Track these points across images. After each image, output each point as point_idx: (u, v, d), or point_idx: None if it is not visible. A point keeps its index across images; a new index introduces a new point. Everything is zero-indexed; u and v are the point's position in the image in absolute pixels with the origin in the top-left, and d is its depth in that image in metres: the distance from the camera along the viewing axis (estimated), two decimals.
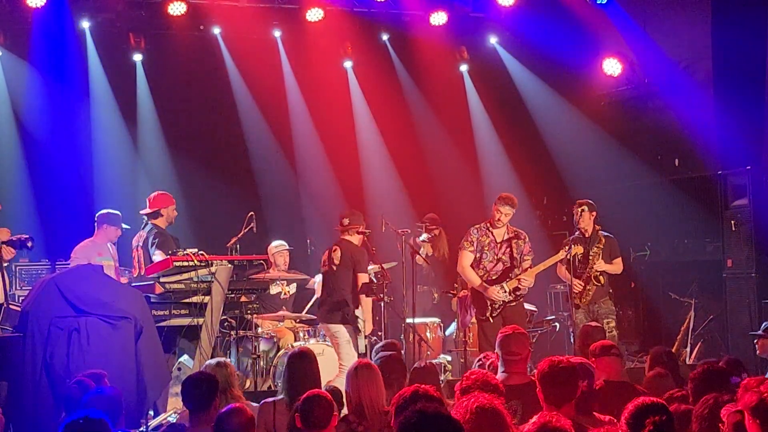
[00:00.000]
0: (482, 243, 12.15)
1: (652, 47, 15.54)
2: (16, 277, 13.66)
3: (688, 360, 13.62)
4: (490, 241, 12.13)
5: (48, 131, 15.37)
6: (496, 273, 12.13)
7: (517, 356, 7.62)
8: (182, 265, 10.81)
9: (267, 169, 16.74)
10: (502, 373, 7.54)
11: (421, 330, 13.72)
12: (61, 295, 9.79)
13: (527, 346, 7.78)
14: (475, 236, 12.16)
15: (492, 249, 12.12)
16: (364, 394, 7.19)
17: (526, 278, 12.05)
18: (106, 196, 14.96)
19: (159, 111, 16.14)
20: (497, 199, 12.13)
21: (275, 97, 16.71)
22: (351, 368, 7.47)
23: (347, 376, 7.44)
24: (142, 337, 9.94)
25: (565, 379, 6.45)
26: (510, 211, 12.05)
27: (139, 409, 9.45)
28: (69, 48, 15.36)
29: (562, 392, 6.43)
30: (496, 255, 12.14)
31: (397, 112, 17.16)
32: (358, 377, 7.31)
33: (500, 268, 12.15)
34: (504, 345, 7.65)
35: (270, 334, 12.96)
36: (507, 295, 11.97)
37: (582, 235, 12.84)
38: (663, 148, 15.81)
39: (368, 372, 7.39)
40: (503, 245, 12.14)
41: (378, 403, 7.23)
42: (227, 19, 15.89)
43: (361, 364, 7.50)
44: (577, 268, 12.57)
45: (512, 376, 7.51)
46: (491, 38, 16.94)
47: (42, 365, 9.55)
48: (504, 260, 12.14)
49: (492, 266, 12.14)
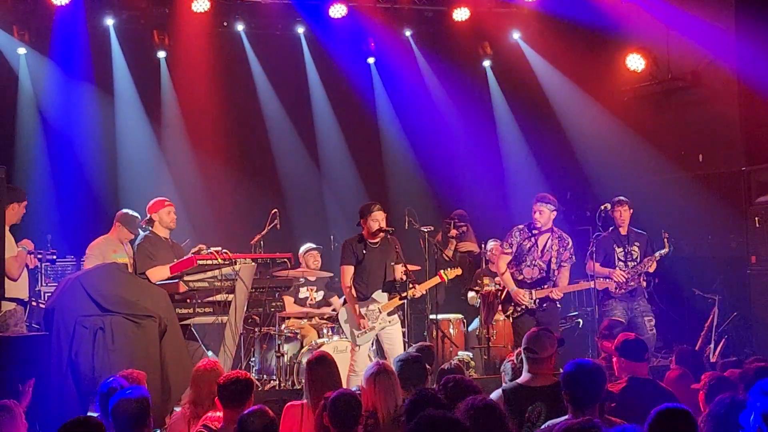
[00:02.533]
0: (523, 247, 12.13)
1: (676, 42, 15.47)
2: (42, 274, 13.72)
3: (712, 357, 13.57)
4: (531, 245, 12.09)
5: (72, 129, 15.43)
6: (531, 278, 12.13)
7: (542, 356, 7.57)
8: (206, 263, 10.83)
9: (290, 166, 16.77)
10: (527, 374, 7.52)
11: (445, 326, 13.75)
12: (86, 294, 9.88)
13: (553, 347, 7.74)
14: (516, 239, 12.15)
15: (532, 253, 12.10)
16: (379, 400, 7.20)
17: (556, 294, 12.07)
18: (130, 193, 15.03)
19: (182, 108, 16.19)
20: (535, 198, 12.14)
21: (299, 93, 16.77)
22: (370, 371, 7.49)
23: (366, 377, 7.48)
24: (166, 335, 10.02)
25: (590, 381, 6.43)
26: (545, 209, 12.00)
27: (164, 407, 9.49)
28: (93, 45, 15.40)
29: (587, 395, 6.40)
30: (534, 260, 12.13)
31: (420, 108, 17.17)
32: (376, 383, 7.34)
33: (536, 274, 12.14)
34: (530, 345, 7.63)
35: (294, 331, 12.99)
36: (532, 303, 11.99)
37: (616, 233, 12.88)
38: (687, 144, 15.72)
39: (386, 378, 7.42)
40: (545, 250, 12.12)
41: (393, 409, 7.24)
42: (251, 15, 15.96)
43: (380, 369, 7.51)
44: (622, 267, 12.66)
45: (538, 377, 7.46)
46: (514, 33, 16.92)
47: (67, 363, 9.64)
48: (541, 266, 12.13)
49: (529, 270, 12.14)
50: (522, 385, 7.43)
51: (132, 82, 15.84)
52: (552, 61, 16.74)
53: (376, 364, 7.65)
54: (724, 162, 15.10)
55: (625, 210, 12.91)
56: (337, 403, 6.70)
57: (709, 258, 15.07)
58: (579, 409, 6.31)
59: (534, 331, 7.80)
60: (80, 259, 13.83)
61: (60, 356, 9.61)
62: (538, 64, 16.87)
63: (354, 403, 6.73)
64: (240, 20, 15.97)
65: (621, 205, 12.89)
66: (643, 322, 12.60)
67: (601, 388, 6.49)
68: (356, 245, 11.78)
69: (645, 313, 12.75)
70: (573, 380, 6.43)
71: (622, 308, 12.71)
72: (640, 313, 12.70)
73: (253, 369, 12.72)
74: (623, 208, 12.90)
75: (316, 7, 15.92)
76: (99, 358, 9.52)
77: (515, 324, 12.23)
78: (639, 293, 12.78)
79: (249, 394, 7.29)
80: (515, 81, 17.20)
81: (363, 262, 11.72)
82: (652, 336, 12.61)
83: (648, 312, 12.81)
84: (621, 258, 12.82)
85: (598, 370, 6.51)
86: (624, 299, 12.77)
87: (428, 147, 17.09)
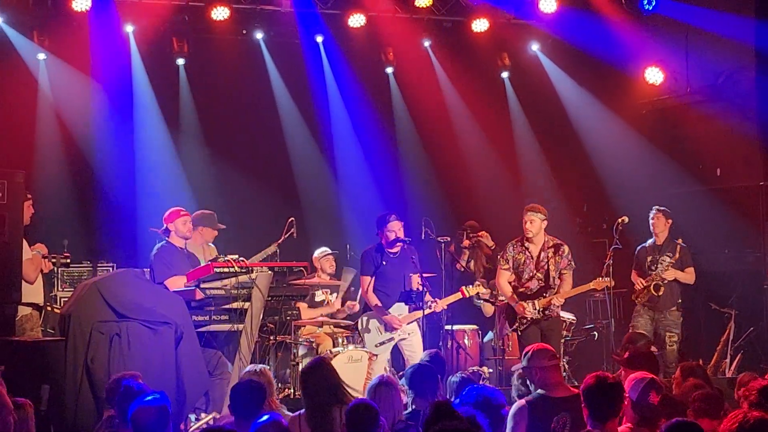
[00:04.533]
0: (518, 261, 12.16)
1: (695, 56, 15.46)
2: (58, 279, 13.76)
3: (728, 372, 13.55)
4: (525, 258, 12.12)
5: (90, 134, 15.46)
6: (531, 290, 12.13)
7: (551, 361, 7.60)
8: (223, 271, 10.84)
9: (308, 175, 16.76)
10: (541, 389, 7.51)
11: (460, 337, 13.74)
12: (102, 300, 9.89)
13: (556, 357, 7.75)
14: (510, 254, 12.18)
15: (528, 266, 12.11)
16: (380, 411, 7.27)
17: (558, 299, 12.06)
18: (147, 199, 15.08)
19: (201, 115, 16.20)
20: (524, 209, 12.17)
21: (317, 102, 16.76)
22: (372, 384, 7.74)
23: (367, 390, 7.62)
24: (182, 342, 10.02)
25: (612, 394, 6.41)
26: (535, 217, 12.02)
27: (179, 413, 9.50)
28: (112, 52, 15.43)
29: (608, 408, 6.38)
30: (532, 272, 12.13)
31: (438, 118, 17.16)
32: (376, 395, 7.53)
33: (535, 285, 12.15)
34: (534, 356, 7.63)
35: (309, 339, 12.98)
36: (536, 313, 11.99)
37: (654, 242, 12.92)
38: (704, 158, 15.70)
39: (387, 390, 7.57)
40: (540, 261, 12.11)
41: (392, 421, 7.40)
42: (270, 24, 15.94)
43: (381, 381, 7.66)
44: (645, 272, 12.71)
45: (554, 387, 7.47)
46: (533, 45, 16.90)
47: (83, 369, 9.64)
48: (539, 277, 12.14)
49: (528, 283, 12.14)
50: (544, 395, 7.45)
51: (151, 89, 15.84)
52: (570, 74, 16.73)
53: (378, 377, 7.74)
54: (742, 176, 15.10)
55: (659, 218, 13.03)
56: (354, 413, 6.73)
57: (726, 272, 15.05)
58: (600, 421, 6.30)
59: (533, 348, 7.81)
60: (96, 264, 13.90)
61: (76, 361, 9.62)
62: (557, 76, 16.85)
63: (371, 412, 6.76)
64: (259, 28, 15.96)
65: (656, 213, 12.94)
66: (664, 336, 12.59)
67: (621, 401, 6.49)
68: (375, 255, 11.81)
69: (669, 327, 12.77)
70: (593, 393, 6.41)
71: (648, 318, 12.72)
72: (665, 326, 12.73)
73: None
74: (656, 216, 12.95)
75: (335, 17, 15.93)
76: (115, 364, 9.52)
77: (522, 337, 12.23)
78: (666, 305, 12.78)
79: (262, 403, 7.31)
80: (533, 93, 17.19)
81: (382, 272, 11.74)
82: (670, 352, 12.61)
83: (672, 327, 12.82)
84: (652, 267, 12.85)
85: (617, 384, 6.50)
86: (651, 309, 12.78)
87: (445, 157, 17.07)
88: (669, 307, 12.79)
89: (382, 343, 11.60)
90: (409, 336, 11.78)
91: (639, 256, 13.09)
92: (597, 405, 6.38)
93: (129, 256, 14.49)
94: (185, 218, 11.71)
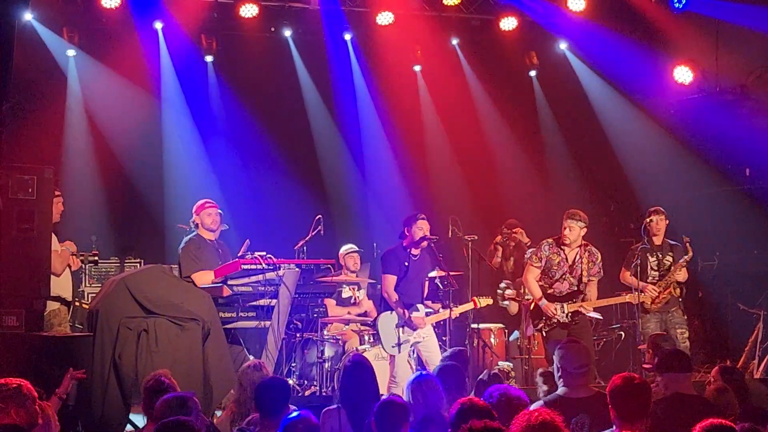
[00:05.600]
0: (551, 261, 12.09)
1: (725, 55, 15.38)
2: (86, 274, 13.82)
3: (756, 373, 13.47)
4: (560, 260, 12.06)
5: (119, 130, 15.52)
6: (560, 292, 12.09)
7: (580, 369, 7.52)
8: (250, 268, 10.86)
9: (335, 172, 16.80)
10: (563, 387, 7.49)
11: (486, 335, 13.72)
12: (130, 296, 9.92)
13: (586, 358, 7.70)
14: (545, 253, 12.10)
15: (561, 267, 12.07)
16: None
17: (588, 308, 12.03)
18: (175, 196, 15.13)
19: (229, 112, 16.25)
20: (564, 215, 12.09)
21: (344, 100, 16.77)
22: (411, 380, 7.78)
23: (407, 385, 7.73)
24: (209, 339, 10.04)
25: (640, 395, 6.37)
26: (575, 225, 11.95)
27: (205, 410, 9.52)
28: (141, 48, 15.51)
29: (636, 408, 6.34)
30: (564, 275, 12.09)
31: (465, 117, 17.14)
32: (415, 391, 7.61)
33: (566, 288, 12.09)
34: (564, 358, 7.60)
35: (335, 337, 12.98)
36: (564, 317, 11.94)
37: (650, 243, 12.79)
38: (734, 158, 15.61)
39: (426, 386, 7.65)
40: (574, 265, 12.07)
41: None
42: (298, 21, 15.98)
43: (420, 378, 7.79)
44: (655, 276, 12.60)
45: (576, 389, 7.43)
46: (561, 44, 16.85)
47: (110, 364, 9.68)
48: (572, 282, 12.09)
49: (559, 284, 12.10)
50: (563, 397, 7.40)
51: (179, 86, 15.91)
52: (598, 72, 16.66)
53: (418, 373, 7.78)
54: None
55: (661, 219, 12.86)
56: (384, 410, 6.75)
57: (755, 273, 14.97)
58: (627, 423, 6.27)
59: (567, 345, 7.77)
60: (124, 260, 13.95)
61: (103, 356, 9.65)
62: (585, 75, 16.80)
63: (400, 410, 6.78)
64: (287, 26, 16.00)
65: (657, 215, 12.84)
66: (675, 335, 12.52)
67: (649, 403, 6.45)
68: (399, 255, 11.80)
69: (678, 324, 12.67)
70: (620, 394, 6.37)
71: (656, 320, 12.65)
72: (674, 324, 12.63)
73: (294, 374, 12.72)
74: (659, 218, 12.85)
75: (363, 14, 15.96)
76: (142, 360, 9.56)
77: (547, 338, 12.19)
78: (673, 303, 12.70)
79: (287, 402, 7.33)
80: (561, 91, 17.15)
81: (404, 273, 11.73)
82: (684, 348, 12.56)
83: (681, 324, 12.72)
84: (654, 267, 12.77)
85: (645, 385, 6.47)
86: (658, 311, 12.72)
87: (473, 155, 17.06)
88: (674, 306, 12.71)
89: (399, 344, 11.56)
90: (425, 339, 11.77)
91: (641, 257, 12.95)
92: (624, 406, 6.34)
93: (156, 252, 14.55)
94: (210, 210, 11.68)
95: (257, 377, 8.11)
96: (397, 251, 11.84)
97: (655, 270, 12.76)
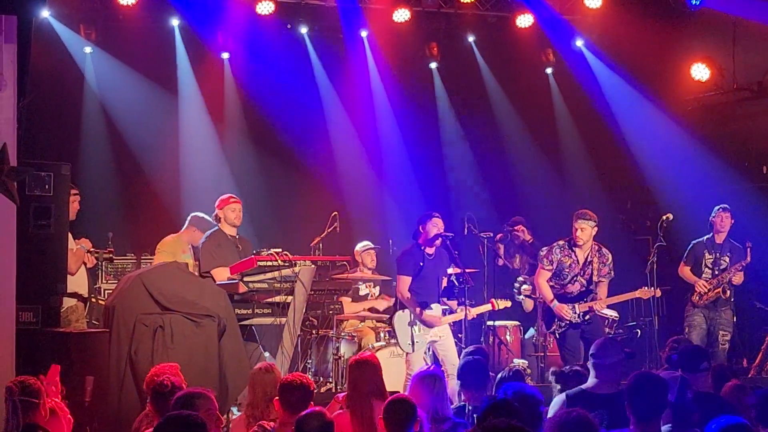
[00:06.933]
0: (563, 264, 12.09)
1: (742, 52, 15.33)
2: (102, 271, 13.83)
3: None
4: (571, 262, 12.06)
5: (136, 127, 15.55)
6: (572, 293, 12.09)
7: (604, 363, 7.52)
8: (266, 264, 10.86)
9: (351, 170, 16.77)
10: (593, 379, 7.50)
11: (501, 333, 13.71)
12: (146, 292, 9.95)
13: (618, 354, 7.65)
14: (556, 256, 12.10)
15: (573, 270, 12.07)
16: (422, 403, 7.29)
17: (599, 306, 12.04)
18: (192, 193, 15.14)
19: (245, 109, 16.28)
20: (574, 215, 12.08)
21: (360, 97, 16.77)
22: (417, 375, 7.83)
23: (412, 380, 7.80)
24: (225, 335, 10.07)
25: (654, 393, 6.38)
26: (586, 225, 11.94)
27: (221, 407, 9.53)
28: (158, 45, 15.56)
29: (652, 406, 6.35)
30: (575, 276, 12.09)
31: (481, 114, 17.14)
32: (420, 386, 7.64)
33: (577, 289, 12.11)
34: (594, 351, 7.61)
35: (351, 334, 12.98)
36: (576, 317, 11.94)
37: (712, 240, 12.85)
38: (750, 155, 15.59)
39: (431, 382, 7.66)
40: (585, 267, 12.07)
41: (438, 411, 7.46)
42: (314, 18, 16.01)
43: (427, 373, 7.79)
44: (708, 273, 12.63)
45: (602, 384, 7.44)
46: (578, 41, 16.82)
47: (126, 360, 9.71)
48: (582, 282, 12.10)
49: (570, 286, 12.10)
50: (585, 390, 7.44)
51: (195, 82, 15.94)
52: (615, 70, 16.63)
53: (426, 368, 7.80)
54: None
55: (727, 217, 12.91)
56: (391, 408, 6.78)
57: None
58: (642, 421, 6.27)
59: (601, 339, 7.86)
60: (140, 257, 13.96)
61: (119, 353, 9.69)
62: (601, 72, 16.76)
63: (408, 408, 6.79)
64: (303, 23, 16.01)
65: (724, 212, 12.87)
66: (717, 335, 12.52)
67: (665, 401, 6.44)
68: (414, 255, 11.79)
69: (723, 326, 12.69)
70: (636, 392, 6.38)
71: (702, 316, 12.66)
72: (719, 324, 12.65)
73: (310, 371, 12.71)
74: (725, 215, 12.88)
75: (379, 11, 15.95)
76: (158, 357, 9.56)
77: (560, 339, 12.21)
78: (722, 303, 12.72)
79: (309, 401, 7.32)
80: (577, 89, 17.09)
81: (419, 272, 11.73)
82: (721, 351, 12.55)
83: (727, 326, 12.73)
84: (708, 265, 12.80)
85: (662, 383, 6.46)
86: (706, 308, 12.71)
87: (489, 152, 17.05)
88: (724, 305, 12.71)
89: (414, 342, 11.57)
90: (441, 339, 11.78)
91: (696, 250, 12.97)
92: (640, 404, 6.34)
93: None
94: (234, 205, 11.77)
95: (268, 379, 8.11)
96: (412, 251, 11.84)
97: (710, 267, 12.78)
